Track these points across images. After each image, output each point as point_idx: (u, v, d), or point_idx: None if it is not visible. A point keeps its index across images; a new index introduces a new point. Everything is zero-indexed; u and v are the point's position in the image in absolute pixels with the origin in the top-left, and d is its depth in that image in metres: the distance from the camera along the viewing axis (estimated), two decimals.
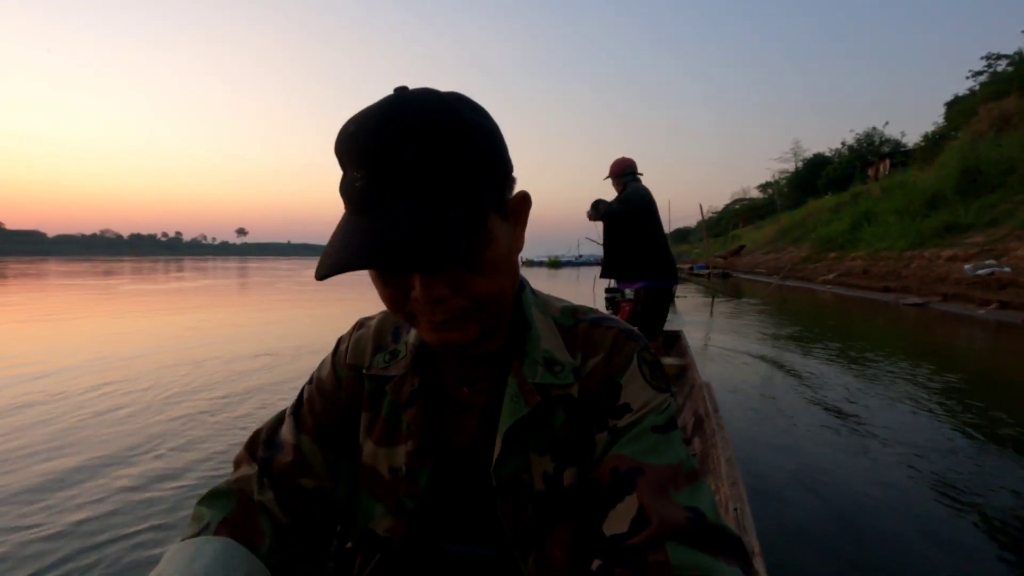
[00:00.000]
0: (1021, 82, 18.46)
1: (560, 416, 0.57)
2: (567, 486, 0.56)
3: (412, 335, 0.64)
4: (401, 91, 0.46)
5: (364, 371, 0.65)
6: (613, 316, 0.63)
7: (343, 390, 0.66)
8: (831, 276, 15.25)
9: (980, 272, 9.50)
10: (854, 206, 19.93)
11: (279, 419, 0.68)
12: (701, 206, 18.43)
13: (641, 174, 3.83)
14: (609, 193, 4.03)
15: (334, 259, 0.42)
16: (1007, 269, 9.15)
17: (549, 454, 0.57)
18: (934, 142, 23.45)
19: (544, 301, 0.65)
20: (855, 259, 15.55)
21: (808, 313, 9.49)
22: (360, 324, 0.71)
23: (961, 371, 4.75)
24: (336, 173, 0.48)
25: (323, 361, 0.70)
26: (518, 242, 0.54)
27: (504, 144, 0.50)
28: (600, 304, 5.14)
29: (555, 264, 54.28)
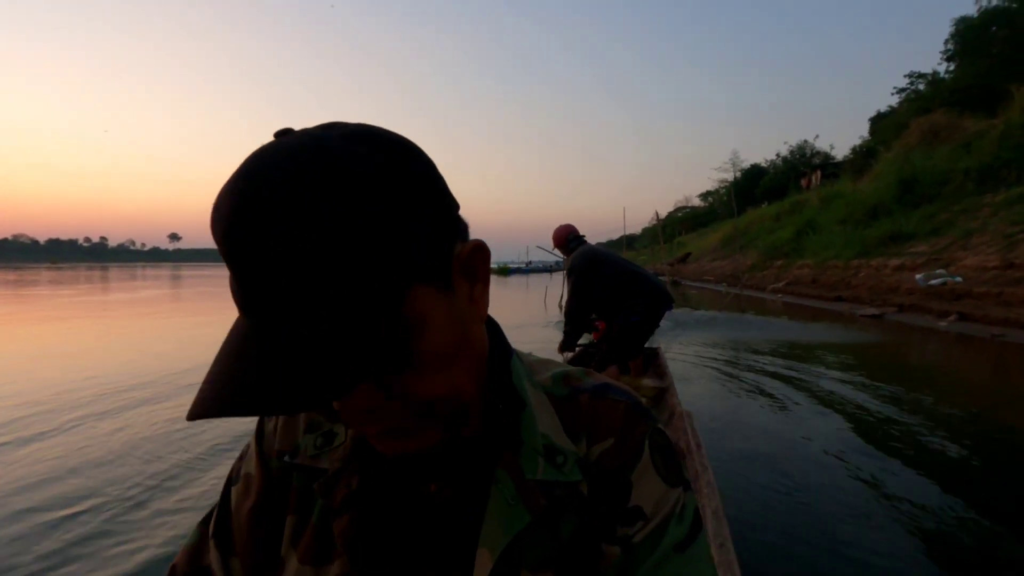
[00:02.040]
0: (943, 99, 19.58)
1: (569, 524, 0.46)
2: None
3: None
4: (278, 140, 0.36)
5: (287, 459, 0.51)
6: (615, 383, 0.52)
7: (275, 488, 0.51)
8: (781, 285, 15.34)
9: (932, 282, 9.53)
10: (797, 215, 20.44)
11: (196, 541, 0.53)
12: (657, 213, 18.44)
13: (583, 235, 3.83)
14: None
15: (203, 395, 0.33)
16: (959, 279, 9.20)
17: (552, 571, 0.44)
18: (862, 155, 24.60)
19: (530, 367, 0.53)
20: (802, 267, 15.74)
21: (779, 328, 9.20)
22: None
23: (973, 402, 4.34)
24: None
25: (245, 449, 0.55)
26: (478, 306, 0.43)
27: (437, 188, 0.39)
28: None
29: (504, 271, 53.88)
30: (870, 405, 4.25)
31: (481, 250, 0.42)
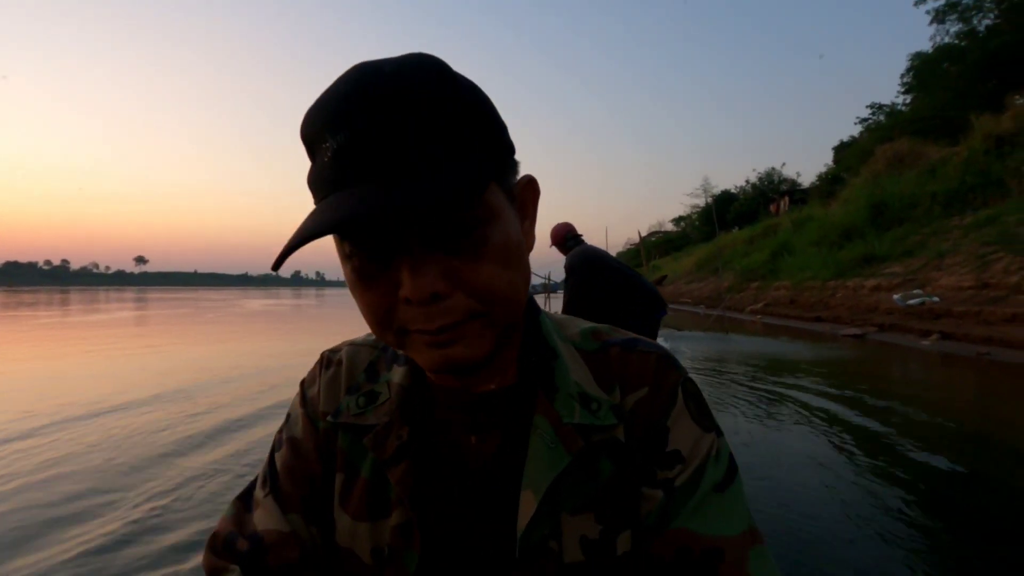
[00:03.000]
0: (904, 128, 20.40)
1: (607, 466, 0.48)
2: (620, 555, 0.46)
3: (396, 373, 0.54)
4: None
5: (331, 419, 0.52)
6: (642, 336, 0.54)
7: (324, 447, 0.53)
8: (759, 306, 15.44)
9: (911, 302, 9.63)
10: (771, 238, 20.79)
11: (238, 510, 0.53)
12: (639, 232, 18.53)
13: (582, 235, 3.74)
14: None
15: (297, 234, 0.36)
16: (936, 299, 9.32)
17: (592, 513, 0.46)
18: (828, 181, 25.42)
19: (559, 323, 0.56)
20: (779, 288, 15.91)
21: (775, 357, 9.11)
22: (327, 360, 0.58)
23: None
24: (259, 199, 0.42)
25: (288, 417, 0.57)
26: (528, 238, 0.47)
27: (501, 119, 0.44)
28: None
29: None
30: (863, 422, 4.12)
31: (533, 185, 0.47)
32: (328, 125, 0.38)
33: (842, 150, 31.02)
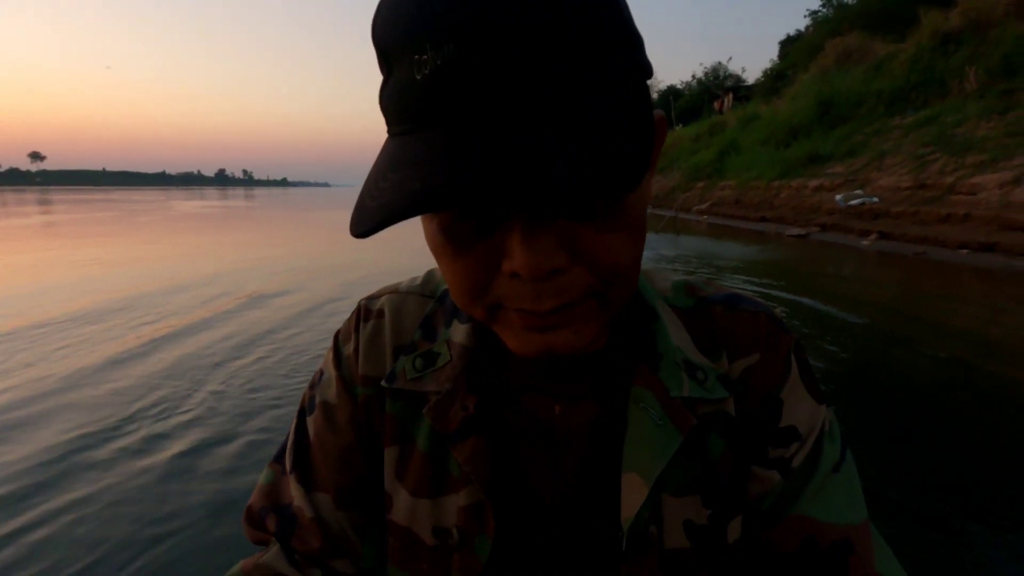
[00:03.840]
0: (852, 22, 20.15)
1: (717, 444, 0.43)
2: (731, 543, 0.42)
3: (457, 331, 0.46)
4: None
5: (383, 384, 0.46)
6: (740, 291, 0.48)
7: (363, 416, 0.47)
8: (705, 206, 15.72)
9: (852, 203, 10.01)
10: (719, 135, 20.76)
11: (272, 480, 0.49)
12: None
13: None
14: None
15: (393, 196, 0.28)
16: (875, 199, 9.72)
17: (699, 496, 0.42)
18: (773, 78, 25.25)
19: (646, 275, 0.49)
20: (724, 188, 16.17)
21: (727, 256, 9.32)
22: (366, 311, 0.50)
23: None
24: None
25: (321, 375, 0.51)
26: (647, 193, 0.37)
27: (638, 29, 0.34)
28: None
29: None
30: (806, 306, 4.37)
31: (663, 125, 0.37)
32: (429, 30, 0.27)
33: (788, 44, 30.65)
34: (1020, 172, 7.61)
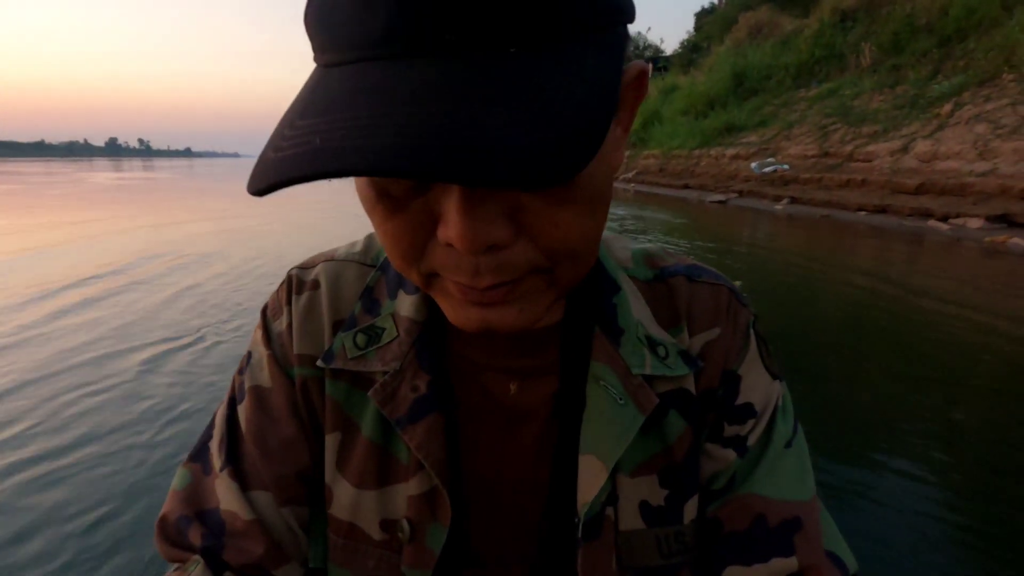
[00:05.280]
0: None
1: (676, 423, 0.41)
2: (687, 524, 0.41)
3: (404, 303, 0.42)
4: None
5: (320, 364, 0.41)
6: (698, 262, 0.47)
7: (301, 400, 0.42)
8: (631, 175, 16.25)
9: (765, 170, 10.73)
10: (643, 104, 21.20)
11: (189, 482, 0.42)
12: None
13: None
14: None
15: (294, 151, 0.23)
16: (786, 167, 10.47)
17: (655, 476, 0.40)
18: (690, 50, 26.17)
19: (605, 243, 0.46)
20: (648, 157, 16.77)
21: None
22: (298, 282, 0.45)
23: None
24: None
25: (249, 357, 0.45)
26: (618, 153, 0.33)
27: None
28: None
29: None
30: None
31: (643, 79, 0.32)
32: None
33: (704, 16, 31.68)
34: (907, 141, 8.47)
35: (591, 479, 0.38)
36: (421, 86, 0.22)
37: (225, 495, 0.40)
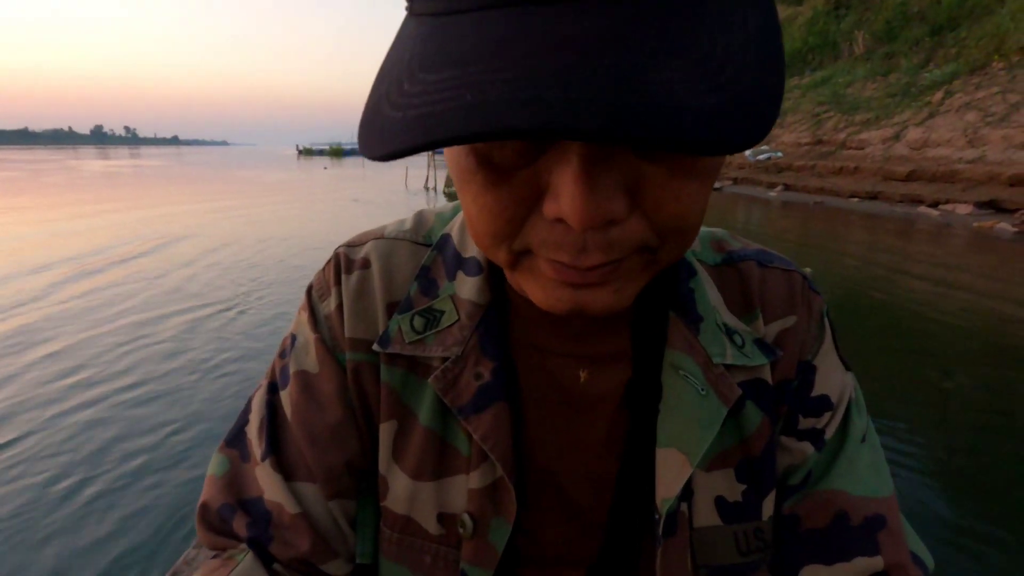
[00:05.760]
0: None
1: (754, 415, 0.38)
2: (765, 520, 0.39)
3: (464, 284, 0.39)
4: None
5: (376, 348, 0.38)
6: (766, 248, 0.44)
7: (352, 387, 0.40)
8: None
9: (760, 158, 10.88)
10: None
11: (228, 469, 0.40)
12: None
13: None
14: None
15: (434, 108, 0.20)
16: (780, 154, 10.63)
17: (731, 470, 0.38)
18: None
19: None
20: None
21: None
22: (347, 260, 0.41)
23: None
24: None
25: (293, 340, 0.42)
26: None
27: None
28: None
29: (337, 153, 49.50)
30: None
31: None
32: None
33: None
34: (899, 129, 8.64)
35: (673, 474, 0.36)
36: (578, 32, 0.19)
37: (269, 486, 0.38)
